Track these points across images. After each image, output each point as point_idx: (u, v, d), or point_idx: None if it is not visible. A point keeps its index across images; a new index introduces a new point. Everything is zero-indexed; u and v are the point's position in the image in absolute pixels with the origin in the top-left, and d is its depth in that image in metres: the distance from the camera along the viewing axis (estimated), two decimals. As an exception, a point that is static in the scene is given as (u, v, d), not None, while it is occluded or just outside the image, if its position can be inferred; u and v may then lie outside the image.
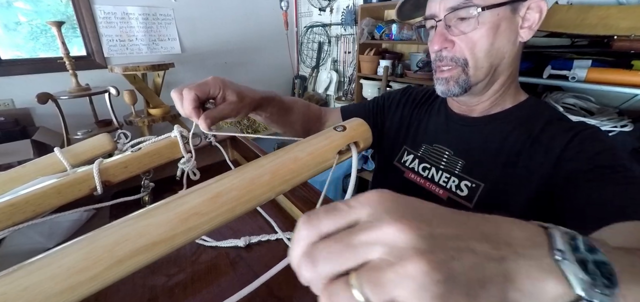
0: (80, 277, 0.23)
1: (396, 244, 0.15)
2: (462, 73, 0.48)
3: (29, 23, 1.97)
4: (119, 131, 0.54)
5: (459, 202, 0.51)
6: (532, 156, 0.46)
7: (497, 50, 0.46)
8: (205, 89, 0.41)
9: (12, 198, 0.36)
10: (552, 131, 0.46)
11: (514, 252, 0.16)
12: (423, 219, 0.16)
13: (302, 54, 2.98)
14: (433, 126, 0.61)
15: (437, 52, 0.48)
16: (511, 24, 0.45)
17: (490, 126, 0.52)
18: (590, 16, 1.04)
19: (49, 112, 1.70)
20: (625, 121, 1.11)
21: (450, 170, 0.54)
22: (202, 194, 0.30)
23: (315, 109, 0.68)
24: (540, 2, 0.45)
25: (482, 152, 0.51)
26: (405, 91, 0.71)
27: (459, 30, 0.46)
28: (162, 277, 0.42)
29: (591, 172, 0.40)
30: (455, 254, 0.15)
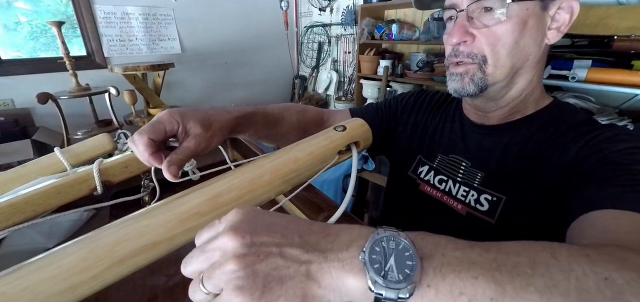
0: (80, 277, 0.23)
1: (226, 250, 0.21)
2: (479, 70, 0.43)
3: (29, 23, 1.97)
4: (119, 131, 0.54)
5: (480, 218, 0.47)
6: (549, 161, 0.42)
7: (522, 49, 0.42)
8: (159, 129, 0.35)
9: (12, 198, 0.36)
10: (573, 134, 0.42)
11: (323, 257, 0.21)
12: (252, 230, 0.21)
13: (302, 54, 2.98)
14: (448, 134, 0.56)
15: (455, 45, 0.44)
16: (540, 22, 0.41)
17: (509, 134, 0.48)
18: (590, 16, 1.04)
19: (49, 112, 1.70)
20: (625, 121, 1.11)
21: (468, 183, 0.50)
22: (202, 194, 0.30)
23: (312, 114, 0.61)
24: (572, 2, 0.40)
25: (502, 162, 0.47)
26: (420, 95, 0.65)
27: (481, 22, 0.41)
28: (162, 277, 0.42)
29: (595, 171, 0.36)
30: (263, 257, 0.20)
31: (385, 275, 0.20)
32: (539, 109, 0.48)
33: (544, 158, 0.43)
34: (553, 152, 0.42)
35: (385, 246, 0.21)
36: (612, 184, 0.33)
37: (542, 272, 0.19)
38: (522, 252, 0.21)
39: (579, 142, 0.40)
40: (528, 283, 0.19)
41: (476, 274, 0.19)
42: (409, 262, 0.20)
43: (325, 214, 0.51)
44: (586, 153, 0.39)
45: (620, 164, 0.35)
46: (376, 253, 0.21)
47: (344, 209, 0.35)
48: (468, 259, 0.20)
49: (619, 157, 0.36)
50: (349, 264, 0.21)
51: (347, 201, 0.36)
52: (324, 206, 0.52)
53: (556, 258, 0.20)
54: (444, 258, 0.21)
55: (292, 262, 0.21)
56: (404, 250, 0.21)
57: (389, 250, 0.21)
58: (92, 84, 1.79)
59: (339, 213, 0.35)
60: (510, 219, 0.45)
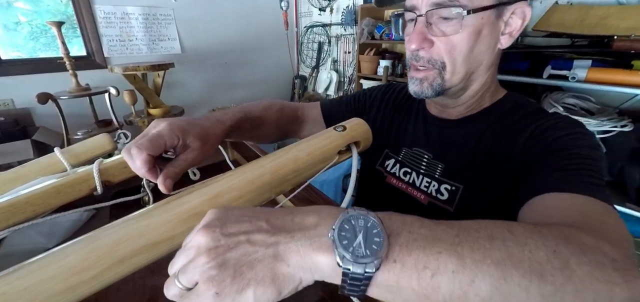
0: (81, 277, 0.23)
1: (199, 245, 0.22)
2: (438, 76, 0.46)
3: (29, 23, 1.97)
4: (119, 131, 0.54)
5: (440, 206, 0.50)
6: (499, 151, 0.46)
7: (476, 56, 0.44)
8: (159, 144, 0.34)
9: (12, 198, 0.36)
10: (523, 124, 0.45)
11: (289, 236, 0.22)
12: (222, 224, 0.23)
13: (302, 54, 2.98)
14: (412, 129, 0.60)
15: (414, 51, 0.46)
16: (493, 29, 0.43)
17: (467, 127, 0.51)
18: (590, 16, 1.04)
19: (49, 112, 1.70)
20: (625, 121, 1.11)
21: (430, 174, 0.53)
22: (202, 194, 0.30)
23: (289, 111, 0.64)
24: (525, 8, 0.43)
25: (460, 154, 0.51)
26: (387, 90, 0.68)
27: (439, 30, 0.43)
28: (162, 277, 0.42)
29: (542, 159, 0.39)
30: (233, 246, 0.22)
31: (353, 251, 0.21)
32: (493, 102, 0.51)
33: (498, 148, 0.46)
34: (506, 142, 0.46)
35: (354, 224, 0.22)
36: (555, 168, 0.37)
37: (499, 246, 0.22)
38: (482, 228, 0.23)
39: (526, 131, 0.44)
40: (486, 255, 0.21)
41: (440, 249, 0.21)
42: (377, 238, 0.21)
43: (325, 214, 0.51)
44: (532, 142, 0.42)
45: (562, 150, 0.39)
46: (345, 231, 0.21)
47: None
48: (433, 235, 0.22)
49: (560, 144, 0.40)
50: (317, 242, 0.22)
51: (347, 201, 0.36)
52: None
53: (512, 233, 0.23)
54: (410, 235, 0.22)
55: (260, 247, 0.22)
56: (372, 227, 0.22)
57: (358, 228, 0.22)
58: (92, 84, 1.79)
59: (339, 213, 0.35)
60: (468, 206, 0.48)
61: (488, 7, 0.41)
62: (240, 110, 0.51)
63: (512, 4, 0.42)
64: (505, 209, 0.43)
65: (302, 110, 0.68)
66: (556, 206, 0.33)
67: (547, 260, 0.21)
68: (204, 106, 2.60)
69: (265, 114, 0.57)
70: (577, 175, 0.35)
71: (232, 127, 0.47)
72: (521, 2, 0.43)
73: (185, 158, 0.36)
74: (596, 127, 1.13)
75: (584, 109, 1.24)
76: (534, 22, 1.33)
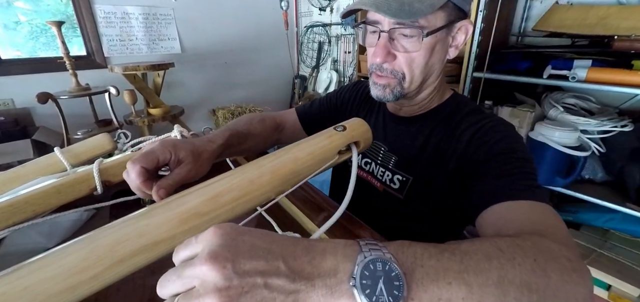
0: (81, 277, 0.23)
1: (205, 280, 0.20)
2: (398, 85, 0.51)
3: (28, 23, 1.97)
4: (119, 131, 0.54)
5: (393, 194, 0.58)
6: (446, 150, 0.52)
7: (430, 67, 0.51)
8: (151, 158, 0.37)
9: (12, 198, 0.36)
10: (464, 125, 0.51)
11: (310, 285, 0.21)
12: (233, 257, 0.20)
13: (302, 54, 2.97)
14: (373, 123, 0.65)
15: (379, 64, 0.51)
16: (444, 44, 0.50)
17: (417, 125, 0.58)
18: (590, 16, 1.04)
19: (49, 112, 1.70)
20: (626, 121, 1.11)
21: (385, 165, 0.60)
22: (202, 194, 0.30)
23: (270, 121, 0.69)
24: (468, 26, 0.50)
25: (410, 148, 0.57)
26: (354, 87, 0.74)
27: (401, 45, 0.49)
28: (162, 277, 0.42)
29: (488, 162, 0.45)
30: (248, 289, 0.20)
31: (376, 300, 0.21)
32: (441, 103, 0.58)
33: (443, 146, 0.53)
34: (450, 142, 0.52)
35: (373, 269, 0.22)
36: (501, 174, 0.42)
37: (496, 265, 0.24)
38: (478, 249, 0.25)
39: (467, 132, 0.50)
40: (488, 277, 0.23)
41: (450, 280, 0.22)
42: (397, 283, 0.22)
43: (325, 213, 0.51)
44: (475, 144, 0.48)
45: (504, 153, 0.44)
46: (365, 278, 0.21)
47: (344, 209, 0.35)
48: (442, 266, 0.23)
49: (501, 147, 0.45)
50: (338, 291, 0.21)
51: (347, 201, 0.36)
52: (324, 206, 0.52)
53: (501, 250, 0.25)
54: (423, 269, 0.23)
55: (278, 293, 0.20)
56: (391, 271, 0.22)
57: (378, 273, 0.22)
58: (92, 84, 1.79)
59: (338, 213, 0.35)
60: (417, 196, 0.56)
61: (441, 27, 0.47)
62: (227, 128, 0.54)
63: (458, 22, 0.49)
64: (453, 203, 0.52)
65: (280, 118, 0.73)
66: (511, 214, 0.38)
67: (532, 270, 0.24)
68: (204, 106, 2.60)
69: (250, 127, 0.61)
70: (520, 180, 0.40)
71: (223, 146, 0.49)
72: (465, 20, 0.50)
73: (178, 172, 0.38)
74: (596, 127, 1.13)
75: (584, 109, 1.24)
76: (534, 22, 1.33)
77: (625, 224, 1.20)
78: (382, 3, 0.45)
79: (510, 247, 0.26)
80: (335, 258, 0.22)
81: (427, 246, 0.25)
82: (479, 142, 0.48)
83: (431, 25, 0.46)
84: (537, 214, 0.36)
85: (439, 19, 0.47)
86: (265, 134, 0.66)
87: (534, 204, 0.37)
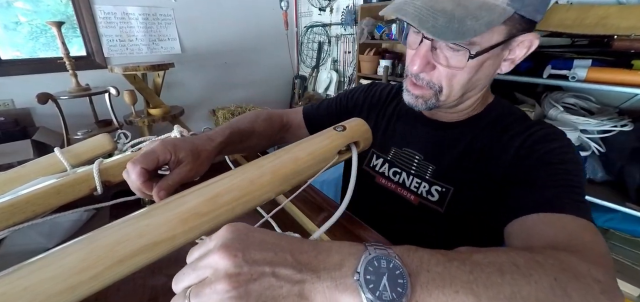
0: (81, 277, 0.23)
1: (217, 268, 0.21)
2: (433, 97, 0.46)
3: (28, 23, 1.97)
4: (119, 131, 0.54)
5: (430, 207, 0.51)
6: (492, 157, 0.47)
7: (473, 83, 0.45)
8: (151, 159, 0.37)
9: (12, 198, 0.36)
10: (512, 132, 0.47)
11: (316, 276, 0.22)
12: (243, 248, 0.21)
13: (302, 54, 2.98)
14: (402, 129, 0.59)
15: (416, 73, 0.45)
16: (496, 59, 0.43)
17: (458, 130, 0.52)
18: (590, 16, 1.04)
19: (49, 112, 1.70)
20: (625, 121, 1.11)
21: (421, 175, 0.53)
22: (202, 194, 0.30)
23: (276, 119, 0.66)
24: (533, 40, 0.41)
25: (451, 156, 0.51)
26: (369, 89, 0.68)
27: (444, 56, 0.42)
28: (162, 277, 0.42)
29: (536, 170, 0.41)
30: (257, 277, 0.21)
31: (379, 295, 0.21)
32: (483, 108, 0.52)
33: (488, 153, 0.48)
34: (495, 150, 0.47)
35: (378, 265, 0.22)
36: (547, 185, 0.39)
37: (509, 280, 0.23)
38: (491, 262, 0.24)
39: (515, 141, 0.45)
40: (499, 291, 0.22)
41: (457, 289, 0.22)
42: (400, 280, 0.22)
43: (325, 213, 0.51)
44: (523, 154, 0.44)
45: (550, 164, 0.41)
46: (369, 273, 0.22)
47: (344, 209, 0.35)
48: (449, 273, 0.23)
49: (551, 158, 0.41)
50: (343, 284, 0.22)
51: (347, 201, 0.36)
52: (324, 206, 0.52)
53: (517, 265, 0.24)
54: (429, 274, 0.23)
55: (285, 282, 0.21)
56: (395, 269, 0.22)
57: (382, 270, 0.22)
58: (92, 84, 1.79)
59: (339, 213, 0.35)
60: (458, 207, 0.49)
61: (497, 44, 0.39)
62: (228, 126, 0.53)
63: (521, 35, 0.40)
64: (491, 210, 0.46)
65: (286, 117, 0.69)
66: (546, 226, 0.35)
67: (551, 288, 0.23)
68: (204, 106, 2.61)
69: (254, 125, 0.58)
70: (566, 194, 0.37)
71: (223, 143, 0.48)
72: (530, 34, 0.41)
73: (178, 172, 0.38)
74: (596, 127, 1.13)
75: (584, 109, 1.24)
76: (534, 22, 1.32)
77: (625, 223, 1.20)
78: (426, 16, 0.37)
79: (528, 263, 0.25)
80: (341, 255, 0.23)
81: (435, 253, 0.25)
82: (529, 150, 0.44)
83: (484, 43, 0.39)
84: (575, 229, 0.34)
85: (496, 35, 0.39)
86: (269, 132, 0.63)
87: (574, 218, 0.35)
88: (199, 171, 0.41)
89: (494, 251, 0.26)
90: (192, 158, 0.40)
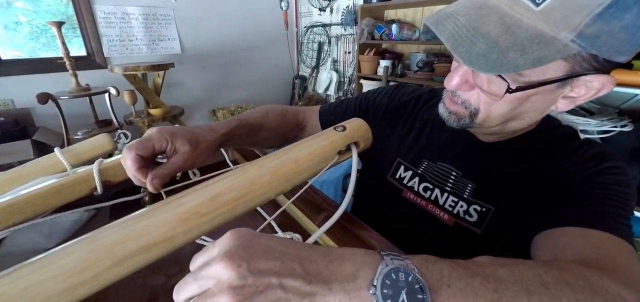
0: (81, 277, 0.23)
1: (220, 279, 0.20)
2: (468, 117, 0.41)
3: (29, 23, 1.97)
4: (119, 131, 0.54)
5: (467, 228, 0.47)
6: (541, 177, 0.43)
7: (518, 114, 0.39)
8: (147, 145, 0.36)
9: (12, 198, 0.36)
10: (562, 153, 0.43)
11: (327, 288, 0.20)
12: (248, 257, 0.20)
13: (302, 54, 2.98)
14: (436, 141, 0.53)
15: (453, 89, 0.41)
16: (549, 95, 0.36)
17: (503, 150, 0.47)
18: (590, 16, 1.04)
19: (49, 112, 1.70)
20: (625, 121, 1.11)
21: (457, 193, 0.48)
22: (202, 194, 0.30)
23: (292, 116, 0.62)
24: (606, 84, 0.33)
25: (494, 175, 0.47)
26: (394, 93, 0.62)
27: (484, 79, 0.37)
28: (162, 277, 0.42)
29: (584, 187, 0.39)
30: (263, 289, 0.20)
31: None
32: (531, 130, 0.46)
33: (533, 174, 0.44)
34: (543, 170, 0.44)
35: (396, 279, 0.21)
36: (585, 201, 0.37)
37: (532, 297, 0.22)
38: (518, 281, 0.23)
39: (566, 163, 0.42)
40: None
41: None
42: (420, 295, 0.20)
43: (325, 214, 0.51)
44: (572, 174, 0.41)
45: (595, 182, 0.38)
46: (387, 287, 0.20)
47: (343, 209, 0.35)
48: (472, 290, 0.21)
49: (596, 176, 0.39)
50: (357, 297, 0.20)
51: (347, 201, 0.36)
52: (324, 206, 0.52)
53: (545, 286, 0.23)
54: (450, 290, 0.21)
55: (294, 295, 0.20)
56: (414, 282, 0.21)
57: (400, 283, 0.21)
58: (92, 84, 1.79)
59: (339, 213, 0.35)
60: (497, 229, 0.45)
61: (551, 81, 0.33)
62: (236, 119, 0.51)
63: (589, 75, 0.32)
64: (534, 233, 0.41)
65: (303, 115, 0.65)
66: (578, 239, 0.33)
67: None
68: (204, 106, 2.61)
69: (265, 119, 0.55)
70: (607, 211, 0.35)
71: (226, 135, 0.46)
72: (604, 76, 0.33)
73: (174, 161, 0.38)
74: (596, 127, 1.13)
75: (584, 109, 1.24)
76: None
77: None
78: (463, 39, 0.32)
79: (557, 284, 0.23)
80: (355, 264, 0.22)
81: (456, 265, 0.23)
82: (576, 172, 0.41)
83: (534, 77, 0.33)
84: (610, 248, 0.31)
85: (552, 70, 0.32)
86: (282, 129, 0.59)
87: (610, 237, 0.32)
88: (197, 161, 0.40)
89: (519, 265, 0.24)
90: (190, 147, 0.39)
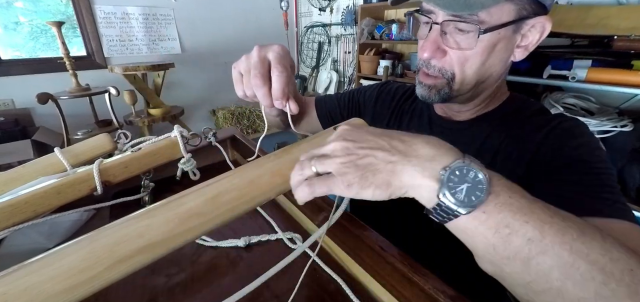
0: (81, 277, 0.23)
1: (336, 148, 0.30)
2: (446, 86, 0.45)
3: (28, 23, 1.97)
4: (119, 131, 0.54)
5: None
6: (510, 153, 0.46)
7: (487, 68, 0.44)
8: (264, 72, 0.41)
9: (12, 198, 0.36)
10: (532, 125, 0.46)
11: (407, 161, 0.27)
12: (354, 138, 0.30)
13: (302, 54, 2.98)
14: (416, 129, 0.58)
15: (427, 59, 0.45)
16: (509, 43, 0.42)
17: (472, 129, 0.51)
18: (590, 16, 1.04)
19: (49, 112, 1.71)
20: (625, 121, 1.11)
21: None
22: (202, 194, 0.30)
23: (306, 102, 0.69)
24: (545, 24, 0.41)
25: (472, 151, 0.48)
26: (383, 87, 0.67)
27: (454, 41, 0.42)
28: (162, 277, 0.42)
29: (566, 168, 0.40)
30: (362, 156, 0.29)
31: (454, 194, 0.24)
32: (498, 104, 0.51)
33: (505, 150, 0.47)
34: (514, 144, 0.46)
35: (465, 173, 0.25)
36: (580, 185, 0.37)
37: (584, 240, 0.23)
38: (575, 225, 0.24)
39: (538, 133, 0.44)
40: (567, 242, 0.22)
41: (528, 219, 0.23)
42: (479, 193, 0.24)
43: (325, 214, 0.51)
44: (549, 146, 0.42)
45: (583, 162, 0.39)
46: (455, 175, 0.25)
47: (343, 209, 0.36)
48: (529, 207, 0.24)
49: (580, 154, 0.40)
50: (429, 172, 0.26)
51: (347, 201, 0.36)
52: (324, 206, 0.52)
53: (602, 238, 0.23)
54: (509, 199, 0.24)
55: (381, 161, 0.28)
56: (478, 183, 0.24)
57: (466, 178, 0.25)
58: (92, 84, 1.80)
59: (339, 213, 0.35)
60: None
61: (507, 23, 0.39)
62: None
63: (533, 17, 0.40)
64: None
65: (305, 102, 0.69)
66: None
67: (621, 275, 0.22)
68: (204, 106, 2.61)
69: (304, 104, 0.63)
70: (606, 197, 0.36)
71: None
72: (542, 17, 0.40)
73: (289, 76, 0.41)
74: (596, 127, 1.13)
75: (584, 109, 1.24)
76: (534, 22, 1.32)
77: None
78: None
79: (614, 243, 0.23)
80: (434, 149, 0.28)
81: (525, 193, 0.26)
82: (554, 144, 0.42)
83: (494, 20, 0.39)
84: (624, 233, 0.32)
85: (505, 13, 0.39)
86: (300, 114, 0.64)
87: (621, 223, 0.33)
88: None
89: (587, 222, 0.25)
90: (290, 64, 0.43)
